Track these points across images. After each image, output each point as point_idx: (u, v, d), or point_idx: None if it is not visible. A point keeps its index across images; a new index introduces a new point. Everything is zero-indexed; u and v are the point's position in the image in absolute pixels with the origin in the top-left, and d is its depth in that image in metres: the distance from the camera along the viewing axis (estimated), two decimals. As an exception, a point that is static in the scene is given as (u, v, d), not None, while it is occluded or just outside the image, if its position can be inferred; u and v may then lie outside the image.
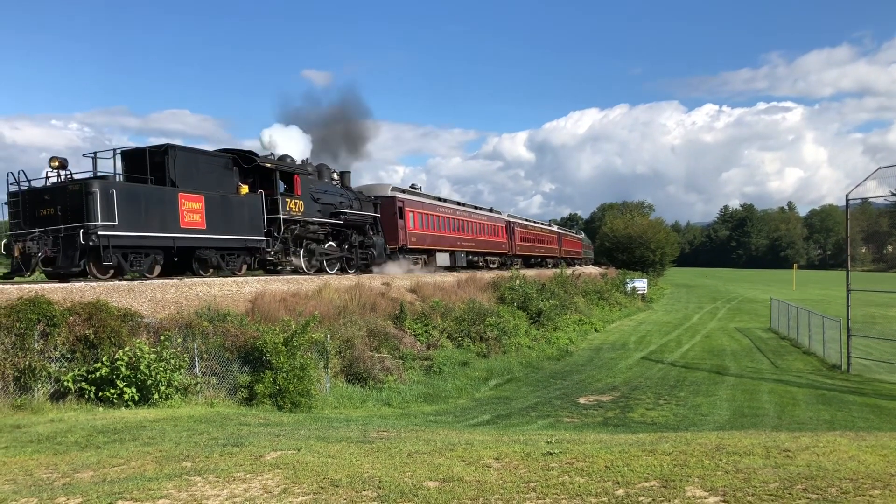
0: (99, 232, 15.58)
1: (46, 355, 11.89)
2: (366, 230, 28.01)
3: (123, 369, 11.99)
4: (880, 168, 22.17)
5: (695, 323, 42.07)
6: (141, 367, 12.05)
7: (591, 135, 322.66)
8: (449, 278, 31.07)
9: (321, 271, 24.75)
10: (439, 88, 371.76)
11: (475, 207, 45.47)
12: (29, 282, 15.36)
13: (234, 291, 18.31)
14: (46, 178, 16.75)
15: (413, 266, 32.85)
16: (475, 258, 42.63)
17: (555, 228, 71.90)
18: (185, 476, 6.66)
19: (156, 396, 12.20)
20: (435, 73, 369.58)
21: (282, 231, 21.84)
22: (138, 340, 12.63)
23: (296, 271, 23.38)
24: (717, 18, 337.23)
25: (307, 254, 23.82)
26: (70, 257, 15.66)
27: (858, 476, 5.94)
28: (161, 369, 12.27)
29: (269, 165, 21.96)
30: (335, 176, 27.49)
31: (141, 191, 17.10)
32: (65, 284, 14.93)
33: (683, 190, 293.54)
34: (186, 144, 21.69)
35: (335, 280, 22.88)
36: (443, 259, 36.59)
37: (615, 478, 6.23)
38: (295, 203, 22.68)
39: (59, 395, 11.84)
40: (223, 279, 19.34)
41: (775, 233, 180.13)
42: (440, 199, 39.50)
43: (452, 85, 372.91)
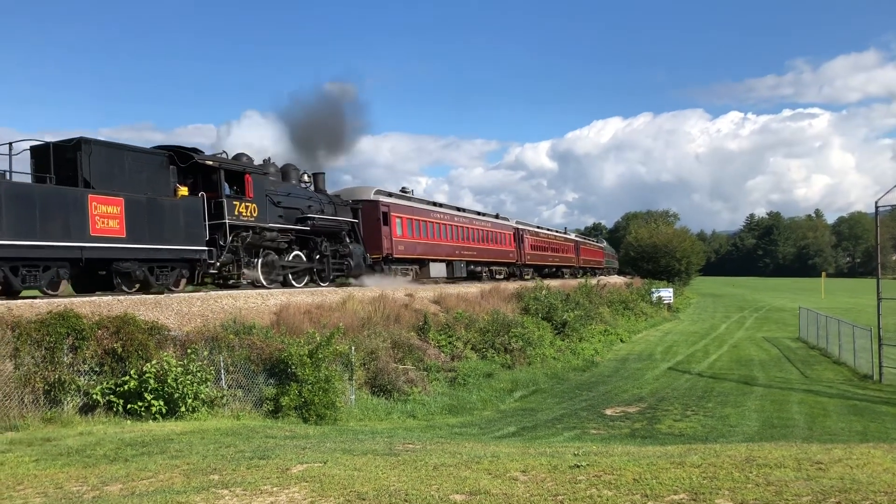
0: None
1: (75, 368, 12.02)
2: (341, 238, 25.32)
3: (151, 382, 12.08)
4: (910, 174, 21.79)
5: (722, 333, 41.61)
6: (168, 380, 12.13)
7: (615, 143, 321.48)
8: (472, 289, 31.03)
9: (287, 285, 22.44)
10: (460, 99, 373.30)
11: (478, 213, 42.56)
12: (57, 295, 15.53)
13: (259, 304, 18.43)
14: None
15: (401, 277, 30.15)
16: (477, 268, 39.78)
17: (571, 236, 68.69)
18: (213, 489, 6.68)
19: (183, 409, 12.27)
20: (456, 84, 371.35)
21: (228, 239, 19.18)
22: (165, 353, 12.73)
23: (253, 285, 20.94)
24: (742, 25, 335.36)
25: (266, 265, 21.18)
26: None
27: (894, 489, 5.81)
28: (188, 382, 12.34)
29: (211, 163, 19.11)
30: (305, 178, 24.95)
31: (36, 192, 14.47)
32: (93, 298, 15.09)
33: (709, 198, 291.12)
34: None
35: (359, 292, 22.93)
36: (438, 270, 33.71)
37: (643, 491, 6.15)
38: (246, 206, 19.90)
39: (88, 409, 11.96)
40: (248, 291, 19.47)
41: (803, 241, 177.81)
42: (435, 204, 36.61)
43: (474, 95, 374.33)
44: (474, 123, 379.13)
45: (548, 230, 58.91)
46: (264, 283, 20.82)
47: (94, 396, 11.92)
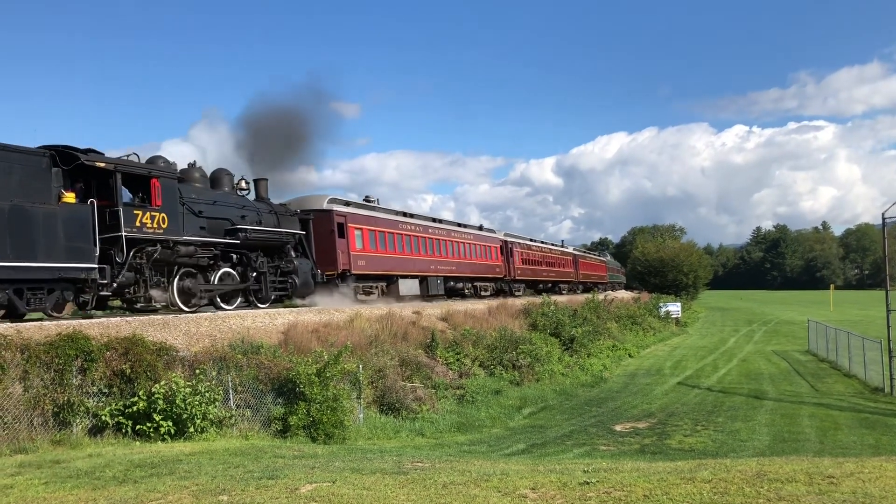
0: None
1: (84, 390, 12.02)
2: (285, 252, 22.41)
3: (160, 403, 12.09)
4: (917, 185, 21.75)
5: (731, 347, 41.43)
6: (176, 401, 12.13)
7: (620, 158, 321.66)
8: (480, 305, 31.01)
9: (215, 307, 19.73)
10: (465, 116, 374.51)
11: (458, 225, 39.12)
12: (65, 317, 15.58)
13: (267, 323, 18.46)
14: None
15: (363, 296, 27.16)
16: (458, 284, 36.56)
17: (569, 249, 64.83)
18: (222, 510, 6.67)
19: (191, 430, 12.27)
20: (461, 101, 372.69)
21: (126, 255, 16.28)
22: (174, 374, 12.74)
23: (169, 308, 18.22)
24: (744, 38, 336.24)
25: (183, 286, 18.35)
26: None
27: (907, 503, 5.77)
28: (196, 403, 12.34)
29: (104, 166, 16.18)
30: (243, 184, 22.10)
31: None
32: (101, 319, 15.14)
33: (715, 212, 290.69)
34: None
35: (367, 310, 22.94)
36: (408, 287, 30.41)
37: (654, 507, 6.12)
38: (151, 216, 16.89)
39: (97, 430, 11.96)
40: (255, 311, 19.50)
41: (810, 253, 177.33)
42: (406, 214, 33.10)
43: (478, 112, 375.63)
44: (479, 140, 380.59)
45: (542, 243, 55.43)
46: (180, 306, 18.04)
47: (103, 418, 11.92)
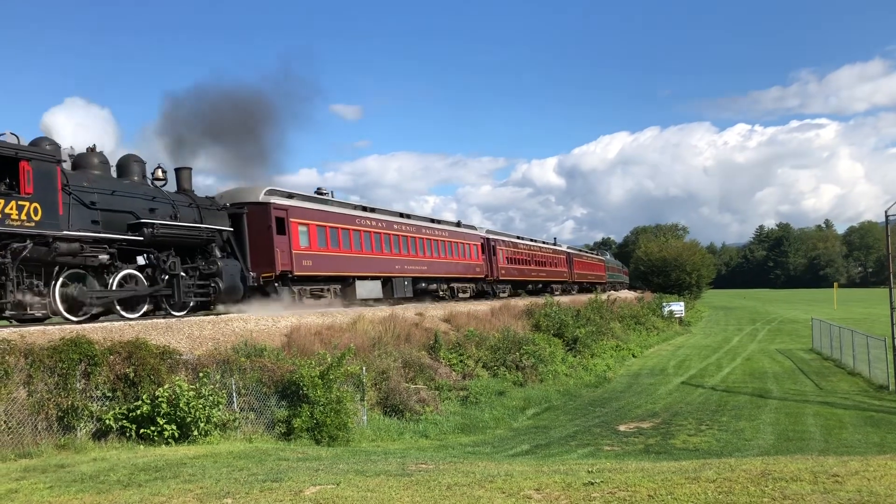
0: None
1: (88, 394, 12.05)
2: (208, 252, 19.63)
3: (164, 406, 12.10)
4: (919, 182, 21.74)
5: (735, 346, 41.38)
6: (180, 405, 12.14)
7: (622, 158, 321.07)
8: (482, 307, 30.99)
9: (112, 315, 17.18)
10: (467, 117, 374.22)
11: (432, 220, 35.84)
12: (70, 322, 15.60)
13: (270, 326, 18.47)
14: None
15: (310, 301, 23.98)
16: (431, 286, 33.15)
17: (563, 248, 60.73)
18: (226, 513, 6.67)
19: (195, 433, 12.28)
20: (462, 103, 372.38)
21: None
22: (177, 378, 12.75)
23: (53, 315, 15.70)
24: (744, 37, 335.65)
25: (66, 292, 15.50)
26: None
27: (912, 501, 5.75)
28: (200, 406, 12.35)
29: None
30: (160, 173, 19.32)
31: None
32: (104, 324, 15.16)
33: (717, 211, 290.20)
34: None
35: (370, 311, 22.94)
36: (368, 289, 27.23)
37: (659, 507, 6.11)
38: (18, 206, 14.27)
39: (101, 434, 11.98)
40: (259, 313, 19.50)
41: (813, 251, 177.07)
42: (366, 209, 29.65)
43: (480, 114, 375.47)
44: (481, 141, 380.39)
45: (531, 241, 51.30)
46: (66, 315, 15.45)
47: (107, 422, 11.94)
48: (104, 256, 16.26)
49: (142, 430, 12.06)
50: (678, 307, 58.02)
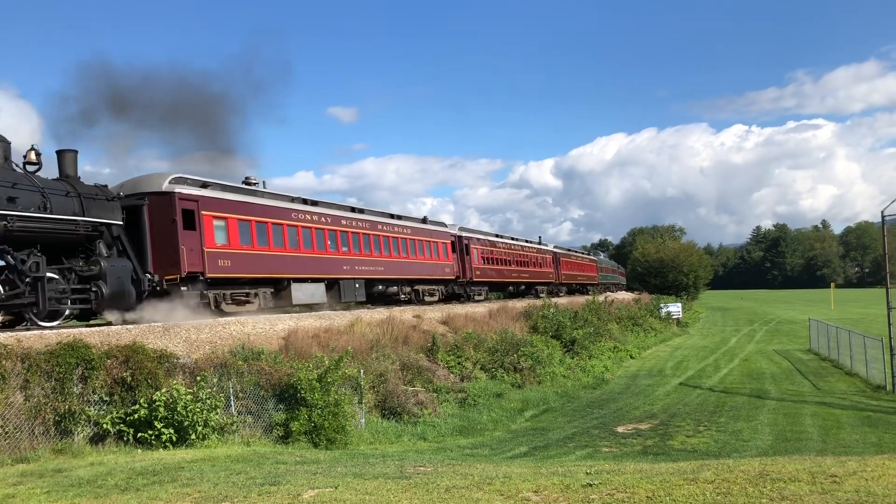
0: None
1: (85, 399, 12.03)
2: (92, 249, 16.86)
3: (161, 410, 12.09)
4: (915, 182, 21.80)
5: (732, 346, 41.42)
6: (178, 408, 12.13)
7: (619, 160, 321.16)
8: (480, 309, 30.99)
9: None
10: (464, 119, 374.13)
11: (391, 216, 31.81)
12: (66, 326, 15.57)
13: (268, 329, 18.45)
14: None
15: (232, 307, 20.70)
16: (391, 288, 29.94)
17: (549, 247, 56.81)
18: (224, 517, 6.66)
19: (193, 437, 12.26)
20: (458, 105, 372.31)
21: None
22: (175, 381, 12.74)
23: None
24: (741, 38, 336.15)
25: None
26: None
27: (910, 501, 5.76)
28: (198, 410, 12.34)
29: None
30: (32, 156, 16.53)
31: None
32: (101, 328, 15.13)
33: (714, 212, 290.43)
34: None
35: (367, 314, 22.93)
36: (309, 293, 23.99)
37: (657, 508, 6.11)
38: None
39: (99, 438, 11.96)
40: (256, 317, 19.49)
41: (810, 252, 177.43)
42: (307, 202, 25.92)
43: (476, 116, 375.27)
44: (478, 143, 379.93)
45: (512, 239, 47.58)
46: None
47: (105, 426, 11.92)
48: None
49: (139, 434, 12.05)
50: (676, 308, 58.09)
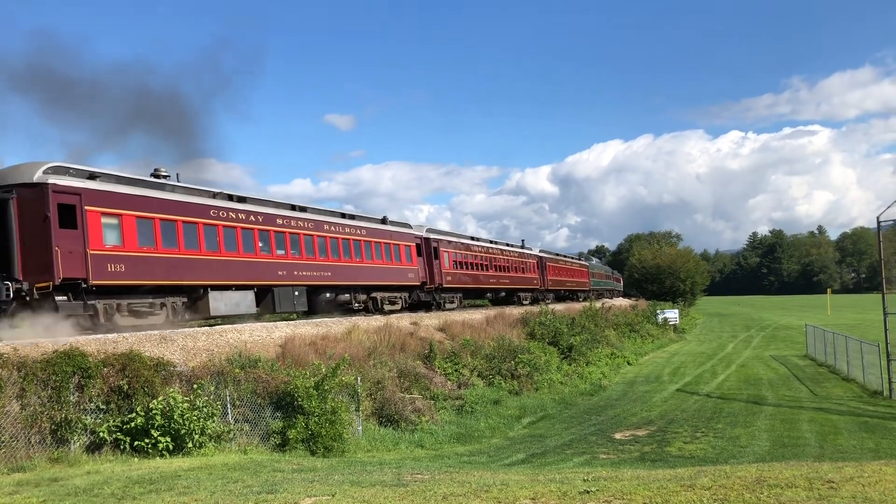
0: None
1: (82, 407, 12.00)
2: None
3: (158, 418, 12.06)
4: (911, 188, 21.88)
5: (729, 352, 41.43)
6: (174, 416, 12.11)
7: (615, 166, 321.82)
8: (477, 315, 30.99)
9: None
10: (460, 127, 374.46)
11: (342, 215, 28.39)
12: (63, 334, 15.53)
13: (265, 336, 18.43)
14: None
15: (131, 320, 18.07)
16: (340, 296, 26.86)
17: (534, 251, 52.63)
18: (221, 525, 6.64)
19: (190, 445, 12.24)
20: (455, 112, 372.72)
21: None
22: (171, 389, 12.72)
23: None
24: (736, 45, 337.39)
25: None
26: None
27: (907, 506, 5.77)
28: (194, 418, 12.32)
29: None
30: None
31: None
32: (98, 336, 15.10)
33: (711, 218, 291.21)
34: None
35: (364, 321, 22.90)
36: (230, 302, 20.87)
37: (654, 515, 6.10)
38: None
39: (95, 447, 11.92)
40: (253, 324, 19.48)
41: (806, 258, 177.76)
42: (231, 198, 22.47)
43: (473, 122, 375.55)
44: (474, 150, 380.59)
45: (490, 242, 44.37)
46: None
47: (101, 434, 11.89)
48: None
49: (136, 443, 12.02)
50: (672, 314, 58.09)
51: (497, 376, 23.37)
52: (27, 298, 15.78)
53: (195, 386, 12.99)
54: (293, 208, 25.35)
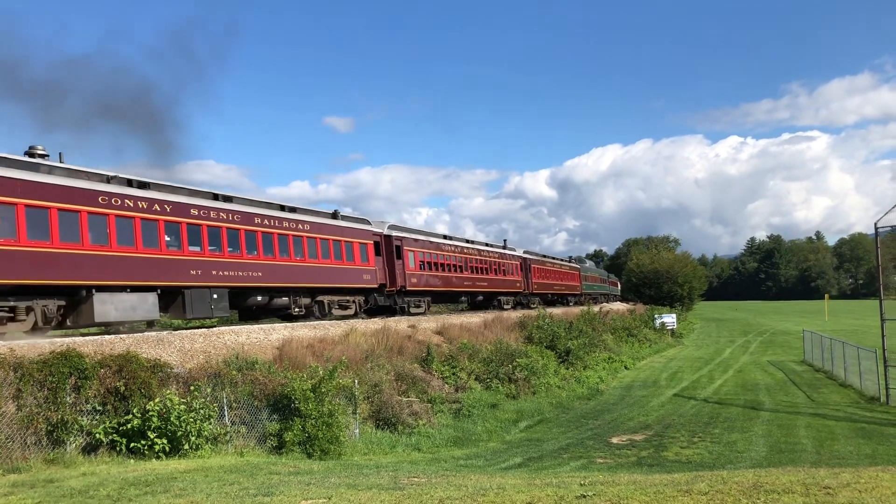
0: None
1: (78, 408, 11.97)
2: None
3: (154, 420, 12.04)
4: (908, 195, 21.93)
5: (726, 357, 41.44)
6: (171, 418, 12.08)
7: (614, 171, 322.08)
8: (475, 319, 30.98)
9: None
10: (459, 130, 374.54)
11: (282, 207, 25.37)
12: (60, 335, 15.50)
13: (262, 339, 18.41)
14: None
15: None
16: (275, 299, 23.56)
17: (517, 252, 49.13)
18: (217, 528, 6.62)
19: (186, 447, 12.21)
20: (454, 115, 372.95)
21: None
22: (168, 391, 12.69)
23: None
24: (736, 50, 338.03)
25: None
26: None
27: (903, 513, 5.77)
28: (191, 420, 12.29)
29: None
30: None
31: None
32: (95, 337, 15.07)
33: (709, 223, 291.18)
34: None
35: (362, 324, 22.88)
36: (126, 306, 17.81)
37: (651, 520, 6.10)
38: None
39: (91, 448, 11.90)
40: (251, 326, 19.45)
41: (804, 263, 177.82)
42: (131, 183, 19.26)
43: (472, 126, 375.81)
44: (473, 153, 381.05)
45: (469, 242, 41.13)
46: None
47: (97, 436, 11.87)
48: None
49: (132, 444, 11.99)
50: (670, 319, 58.12)
51: (494, 380, 23.37)
52: None
53: (192, 388, 12.97)
54: (215, 198, 22.06)
